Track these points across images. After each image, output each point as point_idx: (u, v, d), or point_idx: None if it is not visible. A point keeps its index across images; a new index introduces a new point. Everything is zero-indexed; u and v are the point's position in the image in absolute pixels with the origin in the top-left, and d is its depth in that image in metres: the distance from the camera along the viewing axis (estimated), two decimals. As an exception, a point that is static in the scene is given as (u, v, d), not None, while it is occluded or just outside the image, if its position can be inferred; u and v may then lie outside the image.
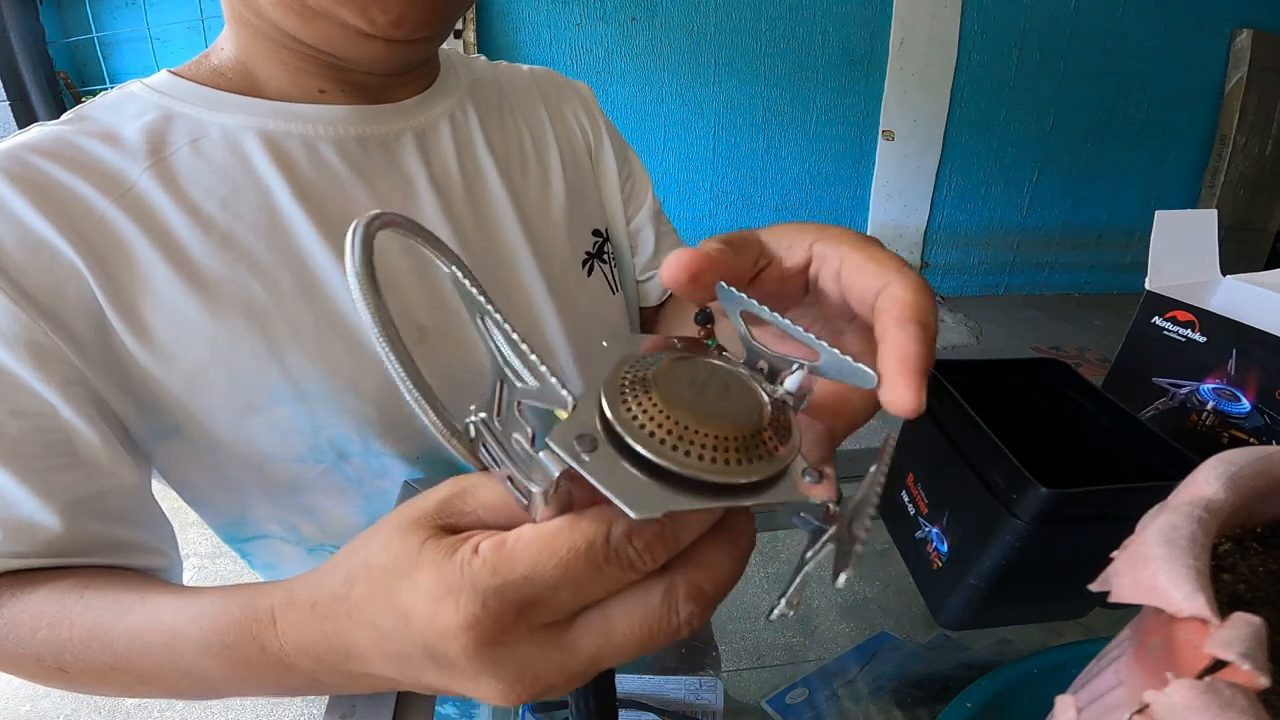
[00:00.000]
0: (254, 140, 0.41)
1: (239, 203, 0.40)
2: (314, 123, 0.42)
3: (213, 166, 0.40)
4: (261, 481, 0.44)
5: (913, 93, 3.13)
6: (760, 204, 3.29)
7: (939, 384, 0.44)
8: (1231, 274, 0.53)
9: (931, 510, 0.44)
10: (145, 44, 2.52)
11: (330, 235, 0.41)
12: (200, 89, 0.41)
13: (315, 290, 0.41)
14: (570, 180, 0.55)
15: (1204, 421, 0.50)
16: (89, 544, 0.36)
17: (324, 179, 0.42)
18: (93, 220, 0.37)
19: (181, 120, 0.41)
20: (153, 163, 0.39)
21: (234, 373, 0.40)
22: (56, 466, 0.35)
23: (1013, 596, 0.40)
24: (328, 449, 0.44)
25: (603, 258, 0.56)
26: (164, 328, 0.38)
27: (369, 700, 0.36)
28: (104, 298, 0.36)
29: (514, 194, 0.50)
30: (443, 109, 0.49)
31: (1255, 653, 0.14)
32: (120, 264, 0.37)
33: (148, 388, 0.39)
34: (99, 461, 0.37)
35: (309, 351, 0.41)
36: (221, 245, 0.39)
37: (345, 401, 0.42)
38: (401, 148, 0.45)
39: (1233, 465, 0.20)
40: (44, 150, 0.38)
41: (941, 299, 3.55)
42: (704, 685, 0.46)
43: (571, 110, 0.58)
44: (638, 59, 2.91)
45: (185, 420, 0.40)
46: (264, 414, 0.41)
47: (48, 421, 0.35)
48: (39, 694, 1.47)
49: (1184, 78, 3.29)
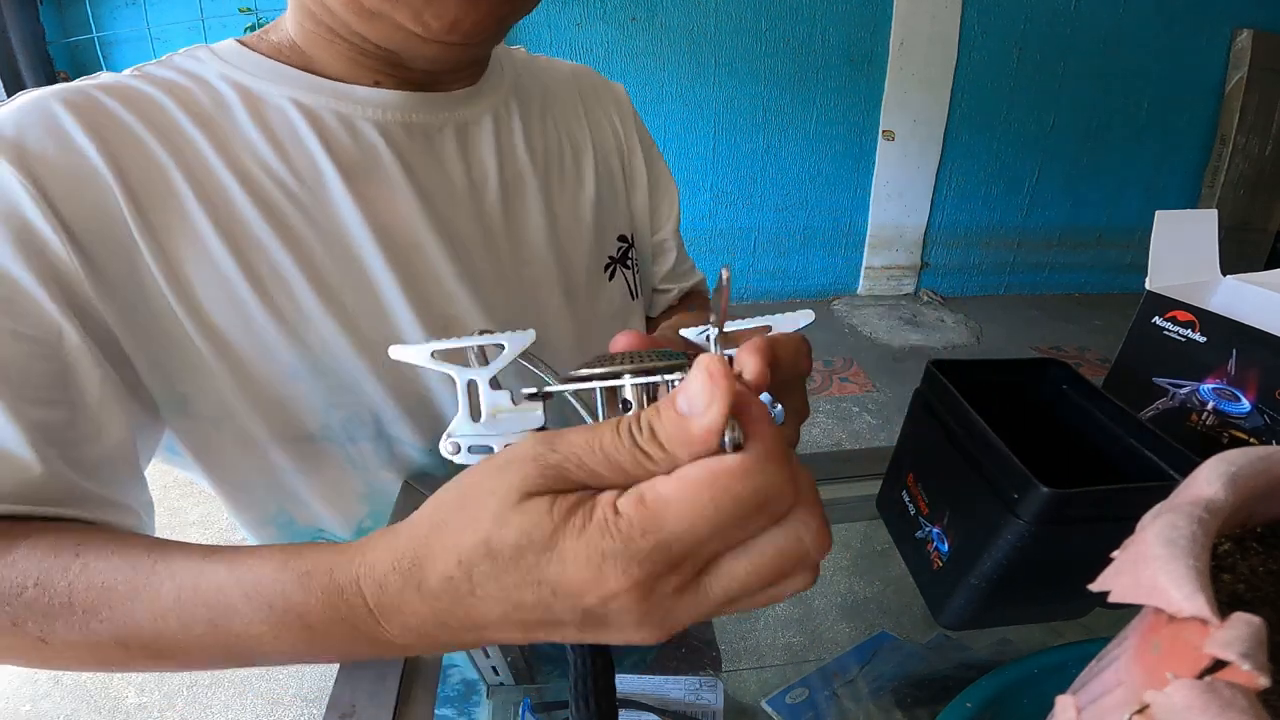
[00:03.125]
0: (305, 114, 0.42)
1: (285, 171, 0.41)
2: (364, 104, 0.43)
3: (265, 134, 0.41)
4: (268, 460, 0.44)
5: (913, 93, 3.13)
6: (760, 204, 3.29)
7: (940, 383, 0.44)
8: (1231, 274, 0.53)
9: (932, 510, 0.44)
10: (145, 44, 2.52)
11: (369, 214, 0.42)
12: (263, 60, 0.42)
13: (348, 267, 0.42)
14: (602, 186, 0.55)
15: (1204, 421, 0.50)
16: (60, 492, 0.34)
17: (367, 159, 0.43)
18: (147, 163, 0.37)
19: (241, 88, 0.41)
20: (209, 122, 0.40)
21: (257, 338, 0.40)
22: (43, 400, 0.34)
23: (1013, 596, 0.40)
24: (339, 429, 0.44)
25: (626, 263, 0.57)
26: (197, 278, 0.38)
27: (369, 700, 0.36)
28: (142, 238, 0.37)
29: (547, 196, 0.51)
30: (487, 105, 0.49)
31: (1255, 653, 0.14)
32: (165, 209, 0.37)
33: (170, 338, 0.39)
34: (90, 402, 0.36)
35: (335, 326, 0.41)
36: (263, 210, 0.40)
37: (366, 380, 0.43)
38: (443, 140, 0.46)
39: (1233, 465, 0.20)
40: (110, 90, 0.38)
41: (941, 299, 3.55)
42: (704, 685, 0.46)
43: (607, 114, 0.58)
44: (638, 59, 2.91)
45: (196, 389, 0.40)
46: (280, 387, 0.42)
47: (50, 349, 0.34)
48: (39, 694, 1.47)
49: (1184, 78, 3.29)
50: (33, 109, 0.36)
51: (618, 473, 0.21)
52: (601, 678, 0.26)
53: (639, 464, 0.21)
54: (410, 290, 0.43)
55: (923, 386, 0.47)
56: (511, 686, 0.49)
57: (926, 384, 0.47)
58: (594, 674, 0.25)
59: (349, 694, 0.37)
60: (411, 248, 0.43)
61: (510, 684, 0.49)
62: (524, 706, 0.45)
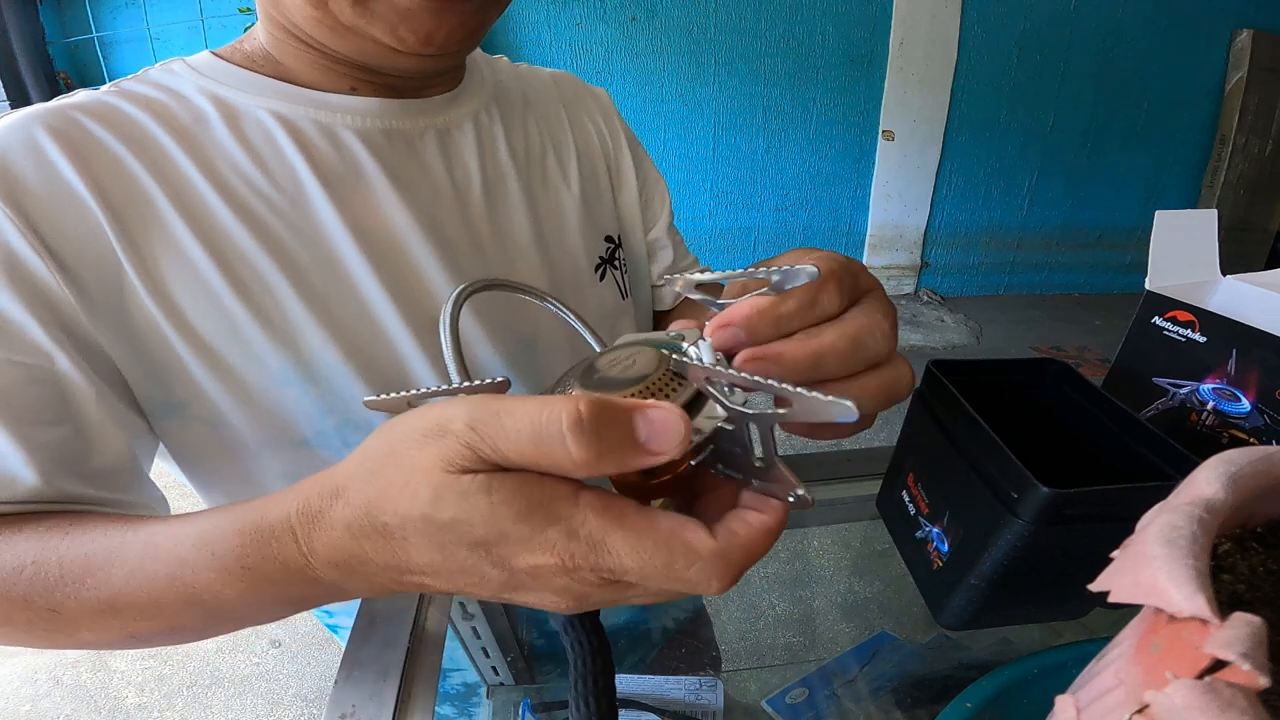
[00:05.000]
0: (284, 124, 0.42)
1: (266, 183, 0.41)
2: (342, 112, 0.43)
3: (244, 146, 0.41)
4: (260, 467, 0.44)
5: (913, 93, 3.13)
6: (760, 204, 3.29)
7: (940, 383, 0.44)
8: (1231, 274, 0.53)
9: (932, 510, 0.44)
10: (145, 44, 2.53)
11: (352, 223, 0.42)
12: (239, 71, 0.42)
13: (333, 274, 0.42)
14: (587, 187, 0.55)
15: (1204, 421, 0.50)
16: (68, 501, 0.36)
17: (348, 167, 0.43)
18: (128, 183, 0.38)
19: (219, 101, 0.41)
20: (188, 136, 0.40)
21: (246, 349, 0.40)
22: (44, 420, 0.35)
23: (1013, 597, 0.40)
24: (333, 435, 0.44)
25: (614, 264, 0.57)
26: (183, 294, 0.38)
27: (369, 700, 0.36)
28: (126, 258, 0.37)
29: (531, 199, 0.51)
30: (468, 110, 0.49)
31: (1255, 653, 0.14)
32: (148, 227, 0.38)
33: (160, 354, 0.39)
34: (90, 419, 0.36)
35: (323, 334, 0.41)
36: (245, 221, 0.40)
37: (355, 387, 0.43)
38: (425, 145, 0.46)
39: (1233, 465, 0.20)
40: (88, 110, 0.39)
41: (941, 299, 3.55)
42: (704, 685, 0.46)
43: (590, 117, 0.59)
44: (638, 59, 2.91)
45: (191, 396, 0.40)
46: (272, 394, 0.42)
47: (43, 373, 0.35)
48: (39, 694, 1.47)
49: (1184, 78, 3.29)
50: (13, 135, 0.36)
51: (545, 465, 0.20)
52: (601, 678, 0.26)
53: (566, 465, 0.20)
54: (397, 295, 0.43)
55: (923, 387, 0.47)
56: (511, 686, 0.49)
57: (926, 384, 0.47)
58: (594, 674, 0.26)
59: (349, 694, 0.37)
60: (397, 252, 0.44)
61: (510, 684, 0.49)
62: (524, 706, 0.45)
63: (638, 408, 0.20)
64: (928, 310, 3.42)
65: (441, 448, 0.20)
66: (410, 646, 0.40)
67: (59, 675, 1.51)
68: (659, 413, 0.19)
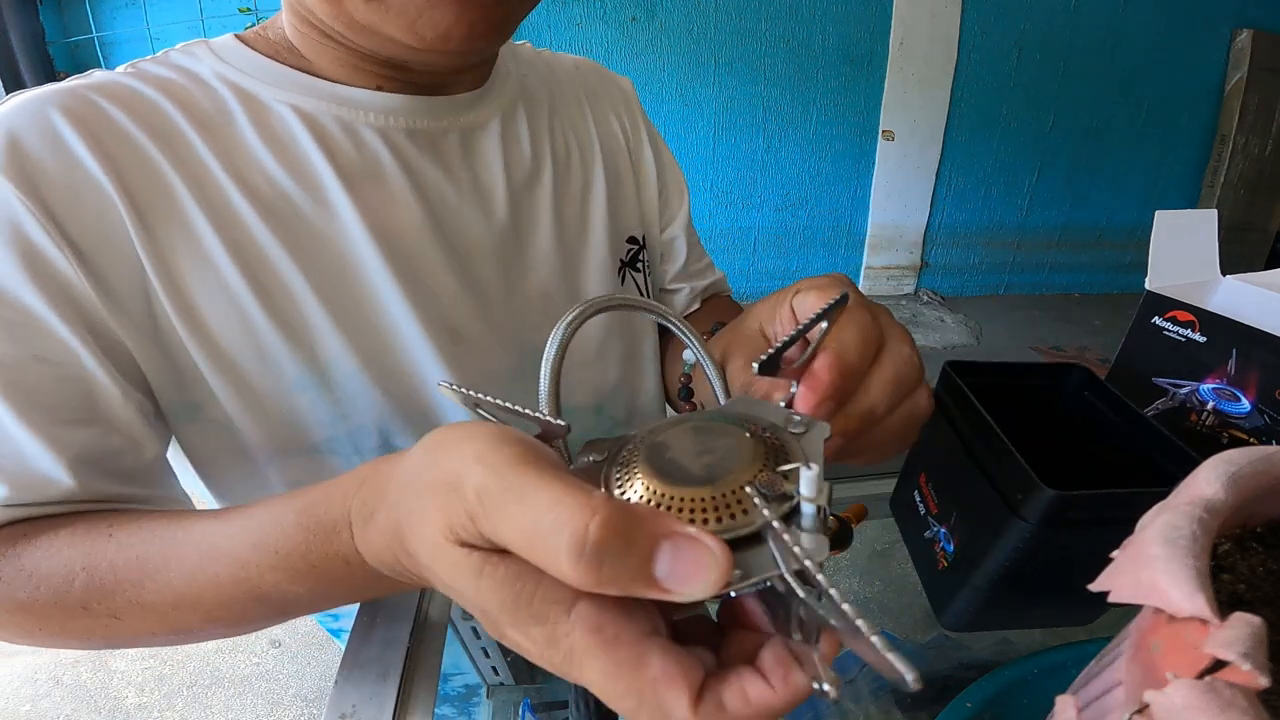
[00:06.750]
0: (306, 121, 0.40)
1: (290, 182, 0.40)
2: (365, 110, 0.42)
3: (268, 142, 0.39)
4: (272, 472, 0.44)
5: (913, 93, 3.12)
6: (760, 204, 3.29)
7: (954, 384, 0.44)
8: (1231, 274, 0.53)
9: (941, 510, 0.44)
10: (145, 44, 2.52)
11: (373, 223, 0.41)
12: (262, 60, 0.41)
13: (351, 277, 0.41)
14: (611, 188, 0.54)
15: (1204, 421, 0.50)
16: (101, 500, 0.36)
17: (370, 167, 0.42)
18: (148, 171, 0.36)
19: (242, 92, 0.40)
20: (212, 128, 0.38)
21: (262, 352, 0.39)
22: (73, 420, 0.34)
23: (1016, 599, 0.40)
24: (345, 441, 0.44)
25: (636, 266, 0.56)
26: (201, 293, 0.37)
27: (369, 700, 0.36)
28: (145, 253, 0.36)
29: (555, 202, 0.50)
30: (493, 109, 0.47)
31: (1255, 653, 0.14)
32: (169, 221, 0.36)
33: (175, 352, 0.38)
34: (117, 417, 0.36)
35: (340, 338, 0.41)
36: (269, 222, 0.39)
37: (370, 394, 0.42)
38: (448, 145, 0.45)
39: (1233, 465, 0.20)
40: (106, 92, 0.37)
41: (941, 299, 3.55)
42: (704, 685, 0.46)
43: (614, 109, 0.57)
44: (638, 59, 2.91)
45: (207, 397, 0.40)
46: (286, 400, 0.41)
47: (70, 370, 0.34)
48: (39, 694, 1.47)
49: (1184, 78, 3.29)
50: (28, 117, 0.34)
51: (541, 567, 0.17)
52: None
53: (562, 577, 0.17)
54: (415, 301, 0.42)
55: (938, 387, 0.47)
56: (511, 686, 0.49)
57: (941, 385, 0.47)
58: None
59: (349, 694, 0.37)
60: (415, 257, 0.43)
61: (510, 684, 0.49)
62: (524, 706, 0.45)
63: (668, 535, 0.16)
64: (928, 310, 3.42)
65: (446, 508, 0.19)
66: (410, 646, 0.40)
67: (59, 675, 1.51)
68: (692, 550, 0.16)
